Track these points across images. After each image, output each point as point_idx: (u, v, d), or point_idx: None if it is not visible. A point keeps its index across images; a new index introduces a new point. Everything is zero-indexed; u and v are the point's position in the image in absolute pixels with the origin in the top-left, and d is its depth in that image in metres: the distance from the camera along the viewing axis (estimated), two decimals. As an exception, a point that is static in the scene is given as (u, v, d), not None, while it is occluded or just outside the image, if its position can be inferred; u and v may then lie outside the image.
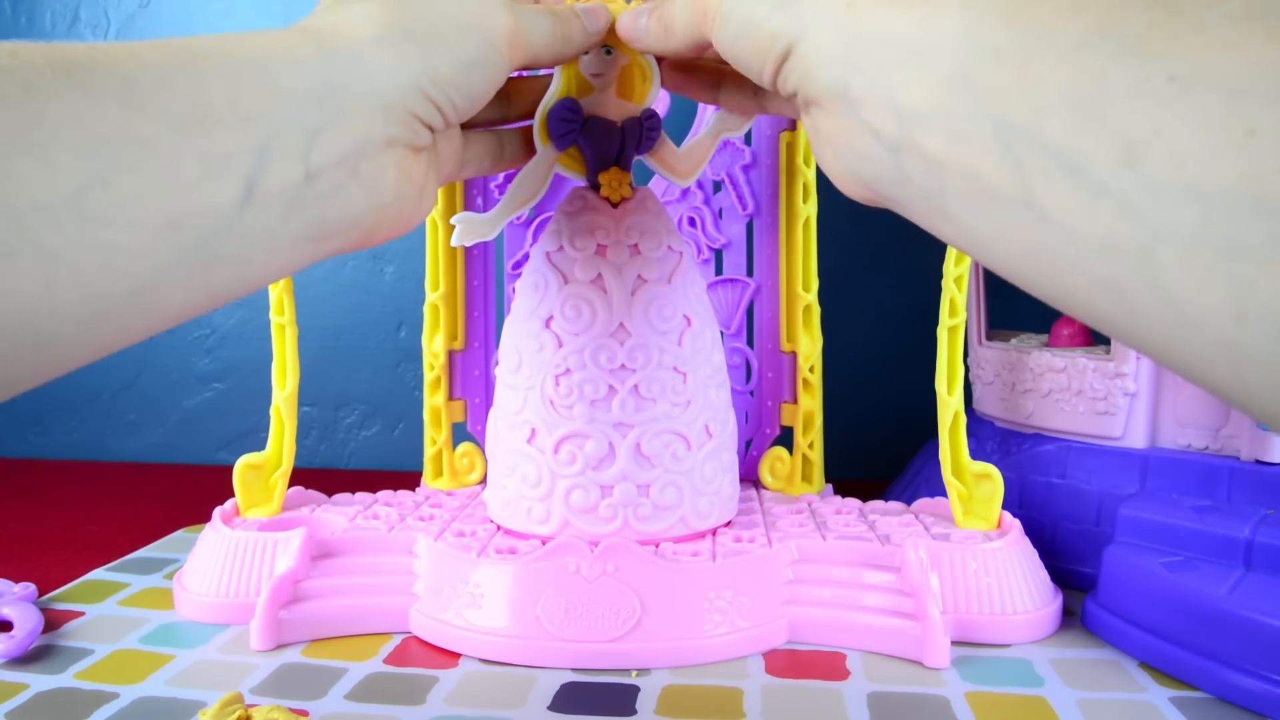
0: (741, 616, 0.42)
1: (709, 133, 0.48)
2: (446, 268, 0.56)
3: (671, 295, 0.45)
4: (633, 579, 0.41)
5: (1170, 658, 0.40)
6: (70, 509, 0.67)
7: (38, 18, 0.83)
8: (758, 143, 0.56)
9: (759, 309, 0.57)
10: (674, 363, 0.45)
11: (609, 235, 0.45)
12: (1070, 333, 0.54)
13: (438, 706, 0.37)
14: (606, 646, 0.40)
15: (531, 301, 0.46)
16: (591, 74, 0.47)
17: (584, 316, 0.44)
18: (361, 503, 0.53)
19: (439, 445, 0.57)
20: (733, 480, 0.48)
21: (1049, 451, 0.52)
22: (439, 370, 0.56)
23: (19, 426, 0.87)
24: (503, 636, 0.41)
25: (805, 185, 0.53)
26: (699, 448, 0.45)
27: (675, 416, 0.44)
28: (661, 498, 0.44)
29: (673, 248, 0.46)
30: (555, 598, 0.41)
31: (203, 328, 0.83)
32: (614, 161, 0.46)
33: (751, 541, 0.45)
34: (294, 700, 0.37)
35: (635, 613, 0.41)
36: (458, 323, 0.57)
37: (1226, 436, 0.47)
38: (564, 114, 0.46)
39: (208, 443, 0.84)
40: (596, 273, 0.44)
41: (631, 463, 0.44)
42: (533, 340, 0.45)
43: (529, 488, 0.45)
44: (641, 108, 0.47)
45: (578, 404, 0.44)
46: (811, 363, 0.54)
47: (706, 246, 0.57)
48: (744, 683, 0.39)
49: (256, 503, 0.50)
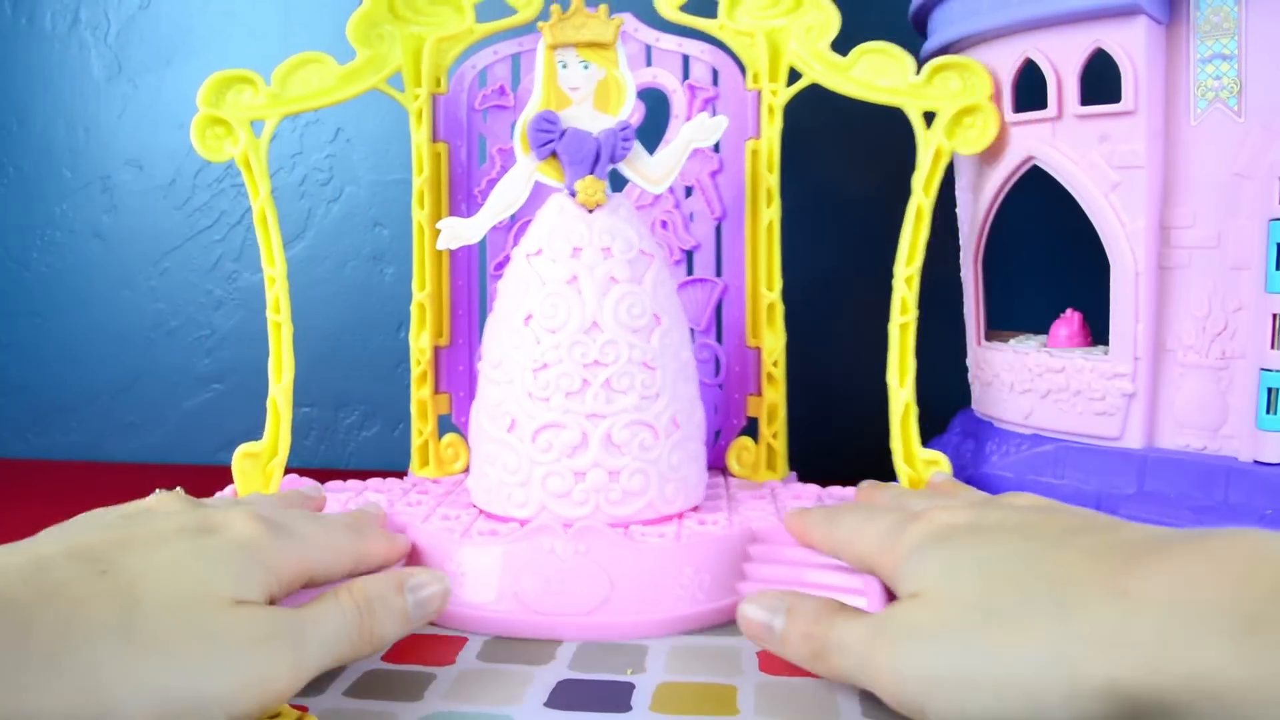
0: (701, 592, 0.45)
1: (680, 143, 0.52)
2: (433, 269, 0.59)
3: (642, 295, 0.48)
4: (603, 558, 0.45)
5: None
6: (70, 510, 0.65)
7: (38, 19, 0.83)
8: (725, 150, 0.59)
9: (727, 307, 0.60)
10: (643, 358, 0.48)
11: (584, 239, 0.48)
12: (1069, 333, 0.54)
13: (436, 703, 0.38)
14: (579, 619, 0.44)
15: (512, 301, 0.49)
16: (570, 88, 0.51)
17: (559, 314, 0.47)
18: (353, 490, 0.56)
19: (425, 436, 0.60)
20: (700, 468, 0.51)
21: (1047, 452, 0.52)
22: (425, 365, 0.60)
23: (19, 427, 0.86)
24: (483, 611, 0.44)
25: (768, 191, 0.56)
26: (667, 437, 0.49)
27: (644, 408, 0.48)
28: (630, 484, 0.48)
29: (644, 251, 0.50)
30: (532, 575, 0.44)
31: (202, 329, 0.83)
32: (590, 170, 0.49)
33: (715, 524, 0.49)
34: (293, 697, 0.38)
35: (605, 589, 0.44)
36: (443, 320, 0.60)
37: (1225, 437, 0.47)
38: (543, 125, 0.50)
39: (208, 444, 0.83)
40: (572, 274, 0.48)
41: (603, 451, 0.47)
42: (512, 337, 0.48)
43: (508, 474, 0.48)
44: (617, 119, 0.51)
45: (554, 396, 0.47)
46: (775, 357, 0.57)
47: (678, 248, 0.60)
48: (738, 680, 0.39)
49: (254, 489, 0.54)
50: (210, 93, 0.52)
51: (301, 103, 0.54)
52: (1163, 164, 0.47)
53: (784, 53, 0.55)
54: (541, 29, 0.50)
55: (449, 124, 0.60)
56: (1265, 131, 0.44)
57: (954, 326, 0.61)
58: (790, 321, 0.58)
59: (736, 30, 0.56)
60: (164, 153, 0.82)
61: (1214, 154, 0.46)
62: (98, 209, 0.83)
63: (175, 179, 0.82)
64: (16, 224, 0.84)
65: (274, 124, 0.53)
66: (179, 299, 0.83)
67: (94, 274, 0.83)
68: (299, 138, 0.80)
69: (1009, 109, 0.51)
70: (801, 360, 0.61)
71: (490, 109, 0.61)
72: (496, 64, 0.60)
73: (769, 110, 0.56)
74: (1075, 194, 0.49)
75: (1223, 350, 0.46)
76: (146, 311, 0.83)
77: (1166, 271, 0.48)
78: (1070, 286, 0.56)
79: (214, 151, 0.53)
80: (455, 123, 0.60)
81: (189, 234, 0.82)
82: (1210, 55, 0.45)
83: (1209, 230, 0.46)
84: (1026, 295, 0.63)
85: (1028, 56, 0.50)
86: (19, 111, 0.84)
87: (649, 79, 0.60)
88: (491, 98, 0.60)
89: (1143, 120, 0.46)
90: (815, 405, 0.69)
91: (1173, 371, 0.48)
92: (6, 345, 0.85)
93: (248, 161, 0.53)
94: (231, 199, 0.81)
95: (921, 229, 0.52)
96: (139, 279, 0.83)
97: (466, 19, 0.57)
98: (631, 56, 0.59)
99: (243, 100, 0.53)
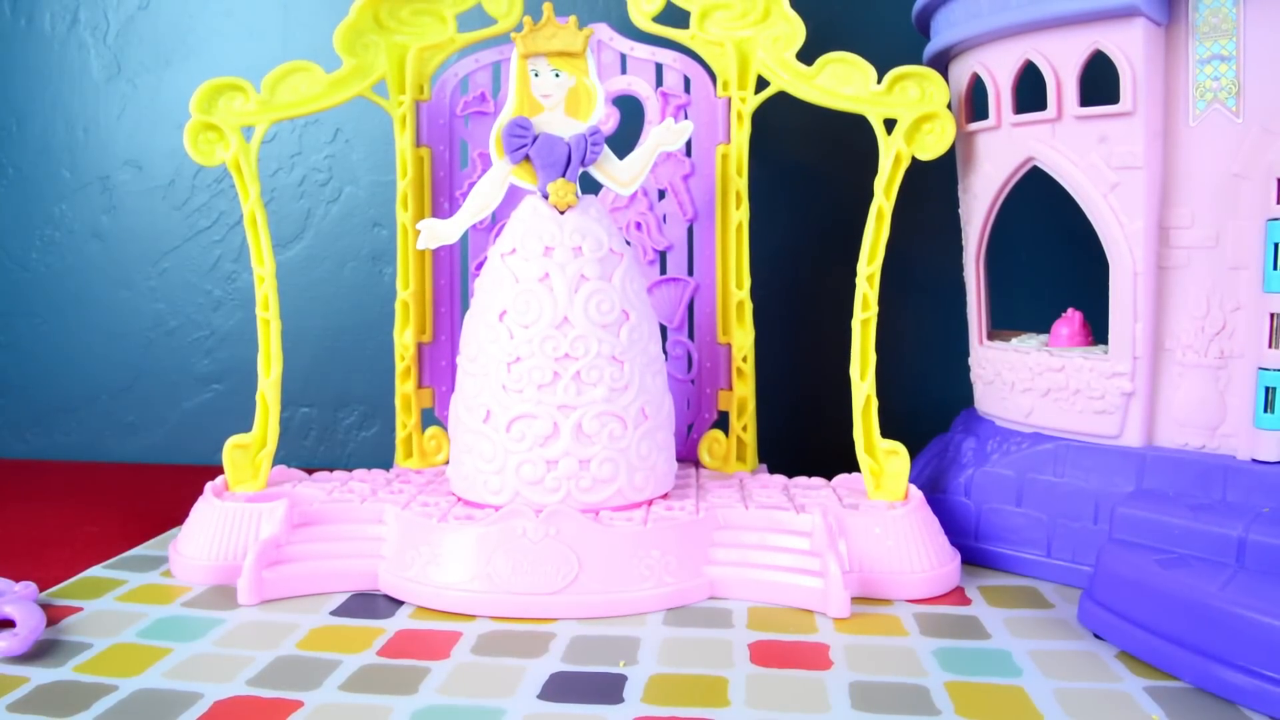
0: (668, 574, 0.48)
1: (648, 147, 0.54)
2: (416, 268, 0.61)
3: (611, 292, 0.51)
4: (572, 540, 0.47)
5: (1163, 653, 0.40)
6: (70, 510, 0.67)
7: (37, 19, 0.83)
8: (697, 154, 0.61)
9: (699, 305, 0.62)
10: (612, 352, 0.50)
11: (555, 239, 0.51)
12: (1069, 333, 0.55)
13: (430, 696, 0.38)
14: (548, 599, 0.46)
15: (488, 297, 0.52)
16: (542, 95, 0.53)
17: (532, 310, 0.50)
18: (338, 479, 0.58)
19: (409, 429, 0.63)
20: (669, 458, 0.54)
21: (1048, 450, 0.53)
22: (409, 361, 0.62)
23: (19, 427, 0.87)
24: (458, 590, 0.47)
25: (738, 194, 0.59)
26: (635, 428, 0.51)
27: (614, 400, 0.50)
28: (600, 472, 0.50)
29: (614, 249, 0.52)
30: (504, 557, 0.47)
31: (202, 329, 0.83)
32: (561, 173, 0.52)
33: (682, 510, 0.51)
34: (289, 691, 0.38)
35: (574, 569, 0.46)
36: (426, 318, 0.63)
37: (1223, 435, 0.47)
38: (516, 130, 0.52)
39: (207, 444, 0.81)
40: (544, 272, 0.50)
41: (574, 440, 0.50)
42: (488, 332, 0.51)
43: (484, 463, 0.51)
44: (587, 125, 0.53)
45: (527, 388, 0.50)
46: (744, 353, 0.60)
47: (652, 249, 0.62)
48: (729, 672, 0.40)
49: (244, 479, 0.56)
50: (202, 99, 0.55)
51: (290, 109, 0.56)
52: (1161, 165, 0.48)
53: (752, 62, 0.58)
54: (515, 39, 0.52)
55: (432, 129, 0.62)
56: (1264, 132, 0.44)
57: (956, 326, 0.62)
58: (759, 318, 0.60)
59: (707, 40, 0.59)
60: (163, 153, 0.83)
61: (1212, 155, 0.46)
62: (97, 209, 0.84)
63: (174, 179, 0.83)
64: (16, 224, 0.85)
65: (264, 129, 0.56)
66: (178, 299, 0.84)
67: (93, 274, 0.84)
68: (298, 138, 0.81)
69: (1009, 110, 0.53)
70: (771, 356, 0.63)
71: (472, 115, 0.63)
72: (478, 71, 0.63)
73: (738, 116, 0.58)
74: (1075, 195, 0.50)
75: (1221, 349, 0.47)
76: (146, 312, 0.84)
77: (1165, 271, 0.48)
78: (1071, 286, 0.58)
79: (206, 156, 0.55)
80: (438, 128, 0.63)
81: (188, 234, 0.83)
82: (1209, 56, 0.46)
83: (1207, 230, 0.47)
84: (1028, 295, 0.64)
85: (1027, 58, 0.51)
86: (18, 112, 0.84)
87: (624, 86, 0.62)
88: (473, 104, 0.63)
89: (1141, 121, 0.47)
90: (784, 399, 0.71)
91: (1171, 371, 0.49)
92: (6, 345, 0.86)
93: (239, 165, 0.55)
94: (230, 199, 0.82)
95: (882, 230, 0.54)
96: (138, 279, 0.84)
97: (449, 29, 0.60)
98: (607, 64, 0.62)
99: (234, 107, 0.55)
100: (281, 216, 0.81)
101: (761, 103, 0.58)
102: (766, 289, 0.63)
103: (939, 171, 0.59)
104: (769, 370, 0.63)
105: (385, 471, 0.61)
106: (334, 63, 0.57)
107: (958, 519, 0.55)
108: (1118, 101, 0.48)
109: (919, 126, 0.53)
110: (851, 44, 0.55)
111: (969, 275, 0.60)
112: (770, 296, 0.64)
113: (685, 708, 0.37)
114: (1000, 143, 0.54)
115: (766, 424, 0.63)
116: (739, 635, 0.44)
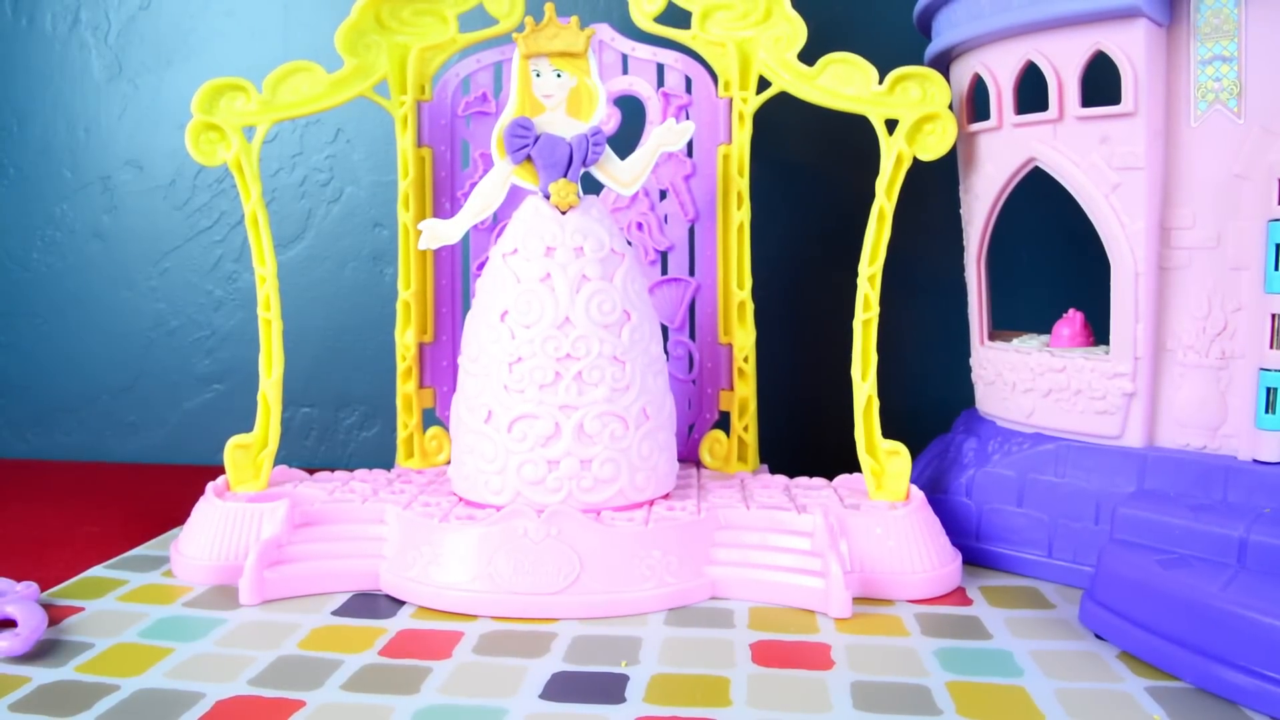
0: (669, 574, 0.48)
1: (649, 147, 0.54)
2: (417, 268, 0.61)
3: (612, 292, 0.51)
4: (573, 540, 0.47)
5: (1165, 653, 0.40)
6: (71, 510, 0.67)
7: (38, 19, 0.83)
8: (699, 155, 0.61)
9: (700, 305, 0.62)
10: (614, 352, 0.50)
11: (557, 239, 0.51)
12: (1070, 333, 0.55)
13: (432, 696, 0.38)
14: (550, 599, 0.46)
15: (489, 298, 0.52)
16: (543, 95, 0.53)
17: (534, 311, 0.50)
18: (340, 480, 0.58)
19: (410, 429, 0.63)
20: (670, 458, 0.54)
21: (1049, 450, 0.53)
22: (410, 361, 0.62)
23: (19, 427, 0.87)
24: (460, 590, 0.47)
25: (739, 194, 0.59)
26: (637, 428, 0.51)
27: (615, 400, 0.50)
28: (601, 472, 0.50)
29: (615, 250, 0.52)
30: (506, 557, 0.47)
31: (203, 329, 0.83)
32: (563, 173, 0.52)
33: (683, 510, 0.51)
34: (291, 691, 0.38)
35: (575, 569, 0.46)
36: (427, 318, 0.63)
37: (1224, 436, 0.47)
38: (518, 131, 0.52)
39: (208, 444, 0.81)
40: (546, 272, 0.50)
41: (575, 440, 0.50)
42: (489, 332, 0.51)
43: (486, 463, 0.51)
44: (589, 125, 0.53)
45: (528, 388, 0.50)
46: (746, 353, 0.60)
47: (653, 249, 0.63)
48: (731, 672, 0.40)
49: (245, 479, 0.56)
50: (204, 99, 0.55)
51: (291, 109, 0.56)
52: (1163, 165, 0.48)
53: (754, 62, 0.58)
54: (516, 39, 0.52)
55: (433, 129, 0.62)
56: (1265, 133, 0.45)
57: (957, 327, 0.62)
58: (760, 319, 0.60)
59: (708, 40, 0.59)
60: (164, 153, 0.83)
61: (1214, 155, 0.46)
62: (98, 209, 0.84)
63: (175, 179, 0.83)
64: (16, 224, 0.85)
65: (265, 129, 0.56)
66: (179, 299, 0.84)
67: (94, 274, 0.84)
68: (299, 138, 0.81)
69: (1011, 111, 0.53)
70: (772, 357, 0.63)
71: (473, 115, 0.63)
72: (479, 72, 0.63)
73: (739, 116, 0.58)
74: (1076, 195, 0.50)
75: (1222, 350, 0.47)
76: (146, 312, 0.84)
77: (1166, 272, 0.49)
78: (1072, 287, 0.58)
79: (208, 156, 0.55)
80: (440, 128, 0.63)
81: (189, 234, 0.83)
82: (1210, 57, 0.46)
83: (1209, 231, 0.47)
84: (1029, 295, 0.64)
85: (1029, 59, 0.51)
86: (19, 112, 0.84)
87: (625, 86, 0.62)
88: (474, 104, 0.63)
89: (1143, 122, 0.47)
90: (786, 399, 0.71)
91: (1173, 371, 0.49)
92: (7, 345, 0.86)
93: (240, 165, 0.55)
94: (231, 199, 0.82)
95: (884, 230, 0.54)
96: (139, 279, 0.84)
97: (450, 29, 0.60)
98: (609, 65, 0.62)
99: (235, 107, 0.55)
100: (283, 216, 0.81)
101: (763, 103, 0.58)
102: (768, 289, 0.63)
103: (940, 172, 0.59)
104: (770, 370, 0.63)
105: (386, 472, 0.61)
106: (335, 63, 0.57)
107: (959, 519, 0.55)
108: (1119, 102, 0.48)
109: (920, 127, 0.53)
110: (853, 44, 0.55)
111: (970, 275, 0.60)
112: (771, 297, 0.64)
113: (687, 708, 0.37)
114: (1002, 143, 0.54)
115: (768, 424, 0.63)
116: (740, 635, 0.44)
